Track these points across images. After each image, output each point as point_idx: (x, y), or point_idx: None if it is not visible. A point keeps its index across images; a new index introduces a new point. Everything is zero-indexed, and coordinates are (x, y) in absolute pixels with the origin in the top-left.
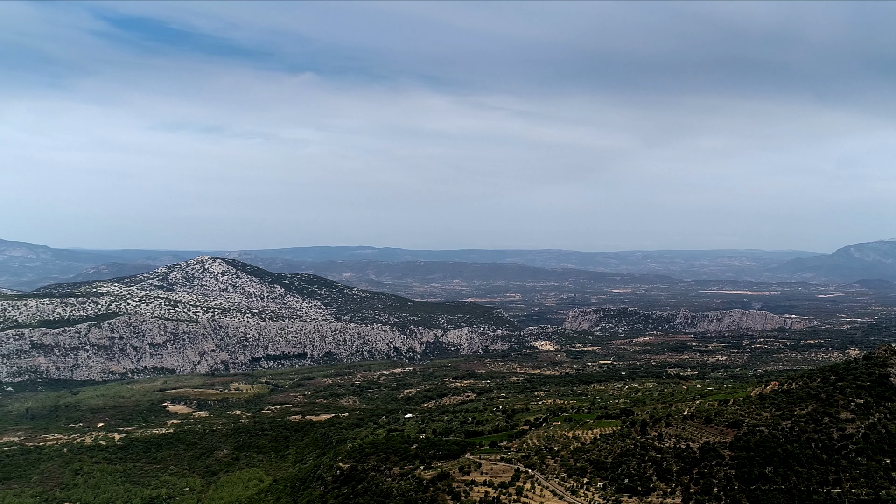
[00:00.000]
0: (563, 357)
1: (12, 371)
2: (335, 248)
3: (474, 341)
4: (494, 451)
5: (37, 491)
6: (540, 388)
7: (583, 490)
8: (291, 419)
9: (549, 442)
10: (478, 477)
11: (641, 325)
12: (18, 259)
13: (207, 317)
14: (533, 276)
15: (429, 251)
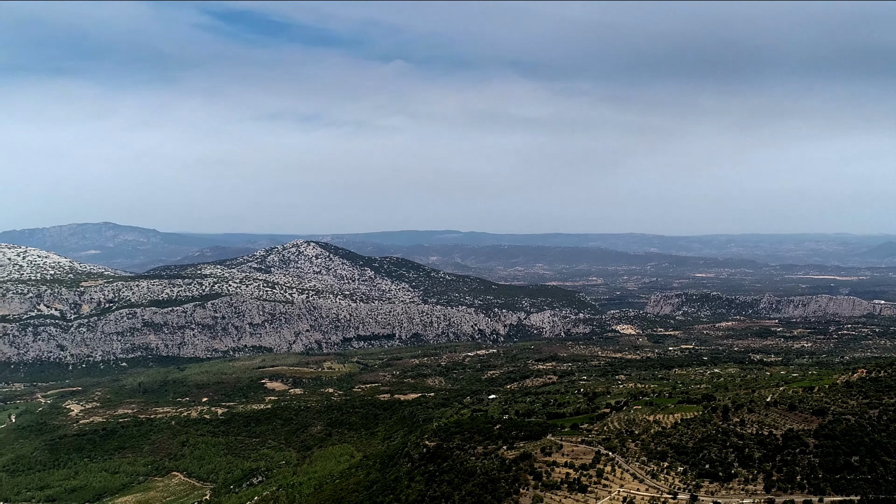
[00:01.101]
0: (644, 341)
1: (126, 348)
2: (423, 233)
3: (556, 324)
4: (575, 434)
5: (148, 460)
6: (621, 371)
7: (663, 474)
8: (381, 398)
9: (629, 425)
10: (559, 458)
11: (724, 309)
12: (131, 242)
13: (302, 298)
14: (615, 260)
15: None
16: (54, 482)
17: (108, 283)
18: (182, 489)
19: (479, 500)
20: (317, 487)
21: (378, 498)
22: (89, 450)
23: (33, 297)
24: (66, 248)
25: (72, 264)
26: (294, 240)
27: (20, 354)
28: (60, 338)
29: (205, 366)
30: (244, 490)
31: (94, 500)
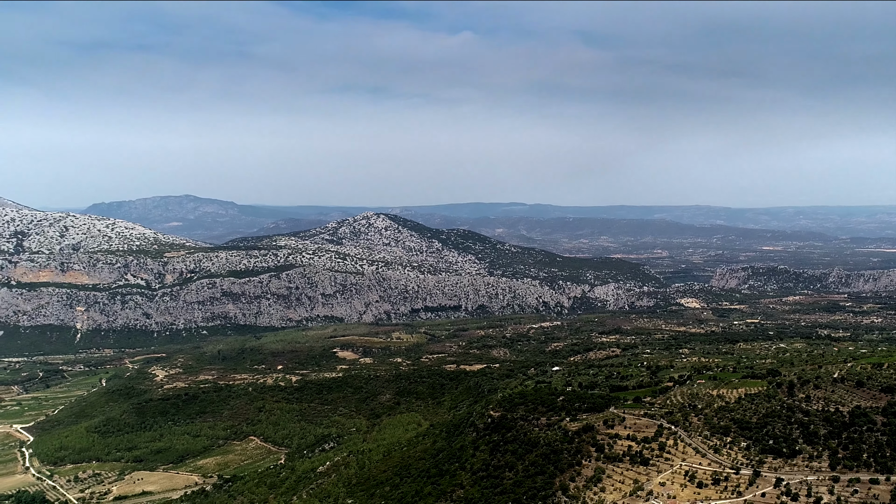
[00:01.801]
0: (709, 315)
1: (206, 316)
2: (488, 205)
3: (620, 297)
4: (638, 407)
5: (227, 424)
6: (685, 345)
7: (726, 449)
8: (447, 368)
9: (692, 399)
10: (621, 431)
11: (791, 283)
12: (211, 215)
13: (372, 269)
14: (680, 233)
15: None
16: (141, 443)
17: (189, 254)
18: (259, 453)
19: (541, 470)
20: (385, 454)
21: (444, 466)
22: (173, 413)
23: (121, 267)
24: (151, 219)
25: (156, 236)
26: (364, 212)
27: (109, 322)
28: (146, 306)
29: (280, 335)
30: (317, 455)
31: (178, 462)
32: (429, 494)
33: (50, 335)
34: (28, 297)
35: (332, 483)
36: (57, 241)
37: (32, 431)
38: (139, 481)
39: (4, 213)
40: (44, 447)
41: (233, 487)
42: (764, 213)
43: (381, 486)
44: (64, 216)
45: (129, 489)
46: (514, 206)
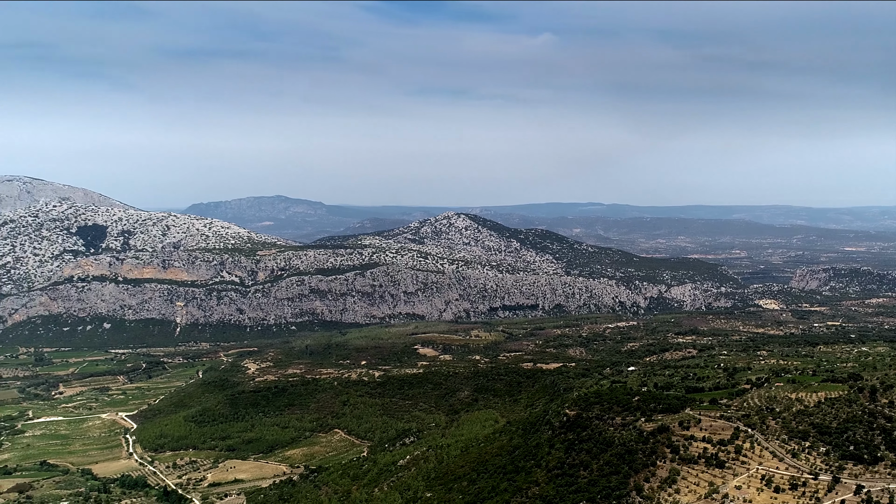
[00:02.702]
0: (788, 317)
1: (295, 313)
2: (566, 205)
3: (697, 298)
4: (714, 408)
5: (314, 417)
6: (763, 347)
7: (804, 454)
8: (524, 366)
9: (770, 402)
10: (697, 432)
11: (875, 285)
12: (300, 214)
13: (452, 268)
14: (759, 233)
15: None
16: (234, 433)
17: (280, 252)
18: (343, 445)
19: (616, 469)
20: (463, 450)
21: (520, 463)
22: (263, 405)
23: (217, 265)
24: (245, 219)
25: (249, 234)
26: (445, 212)
27: (206, 316)
28: (240, 302)
29: (363, 331)
30: (397, 449)
31: (267, 451)
32: (504, 490)
33: (152, 328)
34: (133, 292)
35: (412, 476)
36: (159, 239)
37: (136, 419)
38: (232, 469)
39: (113, 213)
40: (146, 434)
41: (318, 478)
42: (847, 213)
43: (459, 481)
44: (166, 216)
45: (222, 476)
46: (591, 205)
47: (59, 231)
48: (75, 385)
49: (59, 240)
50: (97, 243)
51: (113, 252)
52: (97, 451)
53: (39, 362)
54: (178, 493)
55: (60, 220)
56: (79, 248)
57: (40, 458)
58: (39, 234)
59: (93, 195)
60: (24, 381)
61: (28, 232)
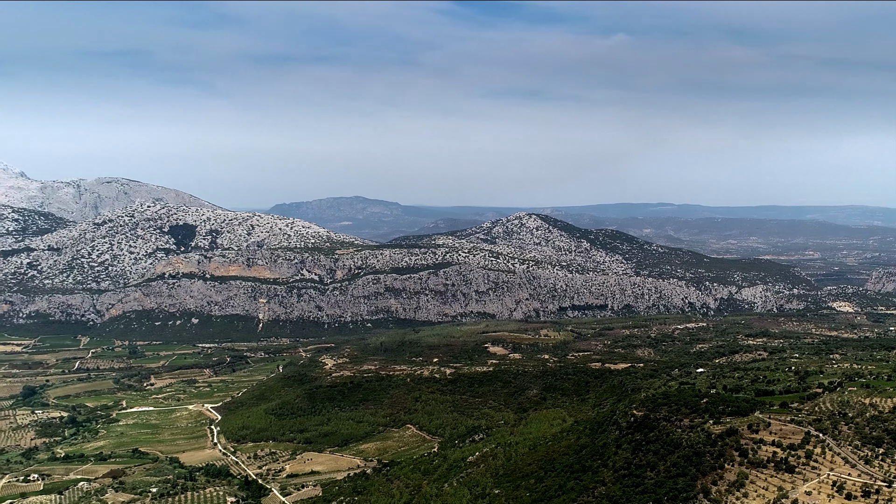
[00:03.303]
0: (862, 319)
1: (371, 310)
2: (636, 205)
3: (768, 299)
4: (784, 412)
5: (387, 412)
6: (836, 350)
7: (877, 461)
8: (592, 366)
9: (842, 407)
10: (766, 436)
11: None
12: (377, 214)
13: (523, 268)
14: (834, 234)
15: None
16: (311, 426)
17: (357, 251)
18: (414, 440)
19: (683, 471)
20: (531, 448)
21: (587, 462)
22: (339, 400)
23: (298, 263)
24: (324, 219)
25: (328, 234)
26: (517, 212)
27: (287, 313)
28: (318, 299)
29: (436, 329)
30: (467, 445)
31: (342, 445)
32: (571, 489)
33: (237, 324)
34: (219, 289)
35: (481, 473)
36: (244, 238)
37: (220, 411)
38: (309, 461)
39: (202, 213)
40: (229, 426)
41: (390, 472)
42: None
43: (527, 479)
44: (250, 216)
45: (299, 468)
46: (662, 206)
47: (152, 230)
48: (165, 377)
49: (152, 238)
50: (187, 242)
51: (201, 250)
52: (184, 440)
53: (133, 355)
54: (258, 482)
55: (154, 220)
56: (170, 246)
57: (132, 445)
58: (135, 233)
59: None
60: (119, 372)
61: (125, 231)
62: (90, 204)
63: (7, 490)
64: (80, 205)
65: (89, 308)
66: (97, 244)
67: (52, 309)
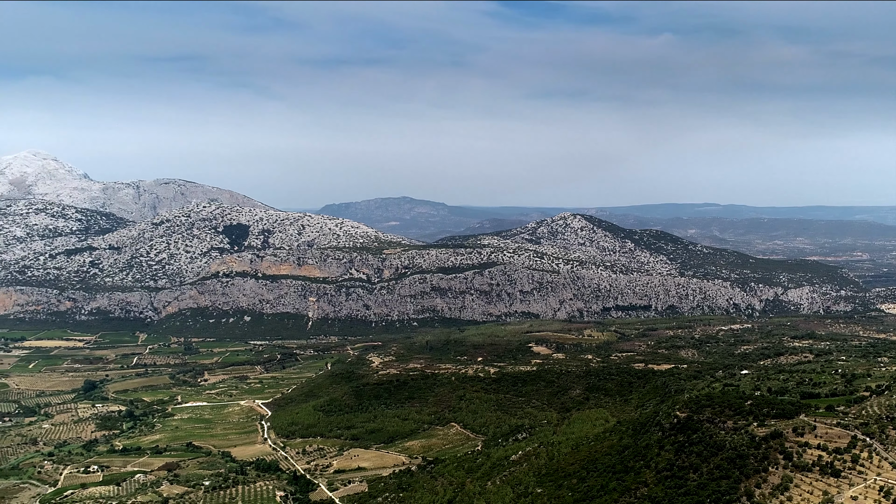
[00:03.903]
0: None
1: (417, 309)
2: (681, 205)
3: (815, 301)
4: (830, 415)
5: (432, 410)
6: (884, 353)
7: None
8: (635, 366)
9: (890, 411)
10: (811, 439)
11: None
12: (424, 215)
13: (567, 268)
14: (883, 234)
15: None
16: (358, 423)
17: (404, 251)
18: (458, 438)
19: (726, 474)
20: (574, 447)
21: (629, 463)
22: (385, 397)
23: (346, 262)
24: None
25: (376, 234)
26: (562, 212)
27: (335, 311)
28: (366, 298)
29: (480, 328)
30: (510, 444)
31: (388, 442)
32: (613, 489)
33: (287, 322)
34: (271, 287)
35: (524, 472)
36: (295, 238)
37: (270, 407)
38: (355, 457)
39: (255, 213)
40: (279, 421)
41: (435, 469)
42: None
43: (569, 478)
44: (301, 216)
45: (346, 464)
46: (707, 206)
47: (207, 230)
48: (218, 373)
49: (207, 238)
50: (240, 241)
51: (254, 250)
52: (236, 435)
53: (188, 351)
54: (306, 477)
55: (209, 220)
56: (224, 245)
57: (187, 439)
58: (191, 233)
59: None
60: (175, 368)
61: (181, 231)
62: (149, 204)
63: (69, 480)
64: (139, 205)
65: (147, 305)
66: (155, 243)
67: (113, 306)
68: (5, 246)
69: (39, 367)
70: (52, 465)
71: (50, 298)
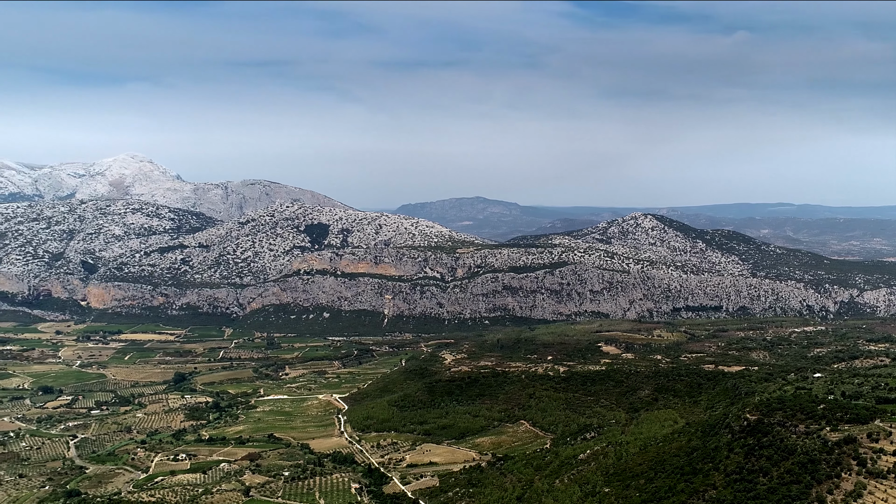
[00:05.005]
0: None
1: (488, 308)
2: (754, 205)
3: (892, 303)
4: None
5: (502, 408)
6: None
7: None
8: (705, 367)
9: None
10: (887, 446)
11: None
12: (497, 215)
13: (637, 268)
14: None
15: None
16: (430, 419)
17: (477, 250)
18: (527, 436)
19: (797, 479)
20: (642, 448)
21: (698, 464)
22: (457, 394)
23: (421, 261)
24: (447, 219)
25: (450, 233)
26: (632, 212)
27: (410, 309)
28: (440, 296)
29: (550, 327)
30: (578, 443)
31: (459, 438)
32: (681, 491)
33: (363, 319)
34: (349, 285)
35: (591, 471)
36: (372, 237)
37: (347, 401)
38: (427, 452)
39: (335, 213)
40: (355, 416)
41: (504, 466)
42: None
43: (637, 479)
44: (378, 216)
45: (418, 459)
46: (780, 206)
47: (290, 229)
48: (298, 367)
49: (289, 237)
50: (321, 240)
51: (333, 248)
52: (314, 428)
53: (270, 346)
54: (380, 471)
55: (291, 220)
56: (305, 244)
57: (268, 431)
58: (274, 232)
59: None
60: (258, 362)
61: (266, 230)
62: (236, 204)
63: (159, 467)
64: (227, 205)
65: (233, 301)
66: (241, 242)
67: (201, 302)
68: (105, 244)
69: (134, 359)
70: (145, 452)
71: (144, 294)
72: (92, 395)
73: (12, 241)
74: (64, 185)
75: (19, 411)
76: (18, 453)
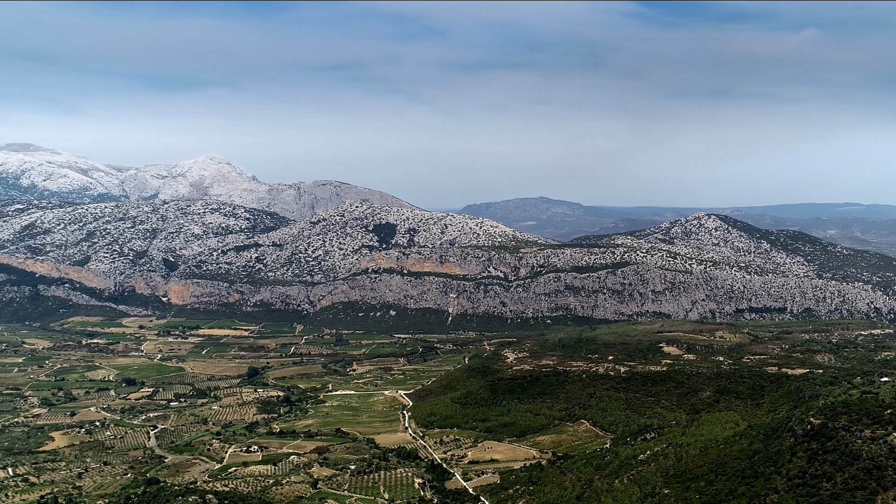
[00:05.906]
0: None
1: (550, 307)
2: (821, 205)
3: None
4: None
5: (562, 407)
6: None
7: None
8: (768, 370)
9: None
10: None
11: None
12: (560, 215)
13: (700, 269)
14: None
15: None
16: (492, 416)
17: (539, 250)
18: (587, 435)
19: (862, 485)
20: (702, 450)
21: (759, 468)
22: (518, 392)
23: (485, 261)
24: (511, 219)
25: (514, 233)
26: (696, 212)
27: (474, 308)
28: (503, 295)
29: (612, 327)
30: (638, 443)
31: (520, 436)
32: (742, 495)
33: (428, 317)
34: (415, 283)
35: (651, 472)
36: (438, 237)
37: (411, 397)
38: (489, 449)
39: (402, 212)
40: (418, 412)
41: (564, 465)
42: None
43: (697, 481)
44: (444, 216)
45: (480, 455)
46: (848, 206)
47: (359, 228)
48: (365, 364)
49: (358, 236)
50: (388, 239)
51: (400, 248)
52: (379, 423)
53: (339, 343)
54: (442, 466)
55: (360, 219)
56: (373, 243)
57: (335, 425)
58: (344, 231)
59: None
60: (327, 358)
61: (336, 229)
62: (307, 204)
63: (233, 458)
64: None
65: (304, 299)
66: (312, 241)
67: (274, 299)
68: (185, 242)
69: (211, 353)
70: (220, 443)
71: (221, 291)
72: (171, 387)
73: (100, 239)
74: (148, 185)
75: (105, 402)
76: (103, 442)
